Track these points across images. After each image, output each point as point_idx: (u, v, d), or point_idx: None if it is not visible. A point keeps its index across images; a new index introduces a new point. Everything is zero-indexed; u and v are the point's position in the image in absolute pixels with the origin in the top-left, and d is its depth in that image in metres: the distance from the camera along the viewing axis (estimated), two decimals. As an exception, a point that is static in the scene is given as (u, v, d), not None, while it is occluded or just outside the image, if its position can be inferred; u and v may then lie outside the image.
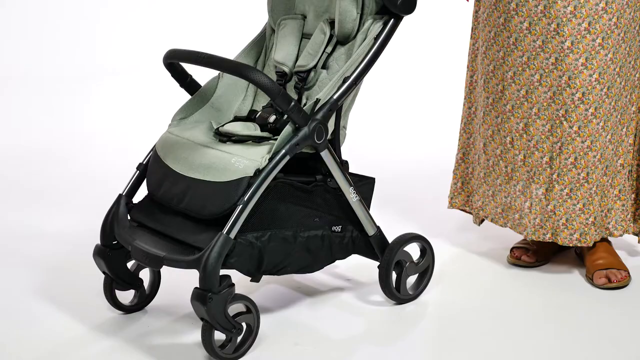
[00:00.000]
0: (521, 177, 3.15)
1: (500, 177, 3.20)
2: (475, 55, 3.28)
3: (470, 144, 3.35)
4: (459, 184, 3.39)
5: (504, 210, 3.22)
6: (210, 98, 3.01)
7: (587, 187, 3.07)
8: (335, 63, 2.95)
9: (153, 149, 2.92)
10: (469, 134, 3.35)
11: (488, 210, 3.27)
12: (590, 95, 3.01)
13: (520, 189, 3.15)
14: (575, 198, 3.07)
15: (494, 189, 3.24)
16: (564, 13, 2.98)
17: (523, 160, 3.13)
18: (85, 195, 3.94)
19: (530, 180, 3.13)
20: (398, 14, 2.87)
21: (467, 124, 3.35)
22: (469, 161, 3.37)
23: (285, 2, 3.06)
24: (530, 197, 3.13)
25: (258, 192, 2.68)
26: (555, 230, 3.10)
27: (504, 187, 3.20)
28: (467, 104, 3.34)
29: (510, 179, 3.17)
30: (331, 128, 2.82)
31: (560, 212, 3.09)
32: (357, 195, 2.89)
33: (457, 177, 3.39)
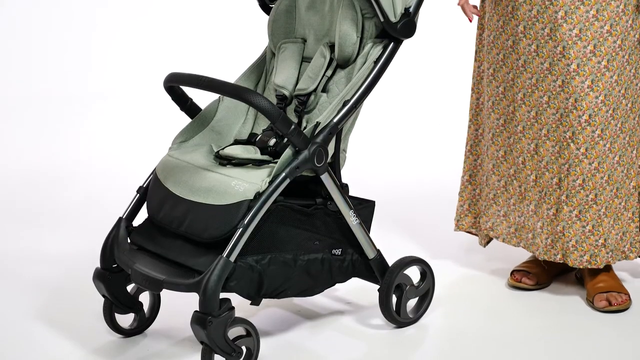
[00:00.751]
0: (533, 197, 3.17)
1: (514, 197, 3.22)
2: (481, 77, 3.30)
3: (477, 166, 3.36)
4: (465, 206, 3.40)
5: (517, 230, 3.23)
6: (210, 121, 3.03)
7: (596, 208, 3.08)
8: (335, 86, 2.96)
9: (153, 172, 2.94)
10: (475, 155, 3.36)
11: (500, 230, 3.28)
12: (597, 117, 3.02)
13: (533, 208, 3.17)
14: (584, 220, 3.08)
15: (506, 209, 3.25)
16: (569, 36, 3.00)
17: (535, 181, 3.15)
18: (85, 218, 3.95)
19: (542, 201, 3.14)
20: (398, 37, 2.88)
21: (473, 145, 3.37)
22: (476, 183, 3.38)
23: (285, 26, 3.08)
24: (542, 217, 3.15)
25: (258, 215, 2.69)
26: (566, 251, 3.11)
27: (517, 206, 3.21)
28: (473, 126, 3.35)
29: (524, 198, 3.19)
30: (331, 151, 2.84)
31: (569, 234, 3.10)
32: (357, 219, 2.90)
33: (464, 199, 3.40)
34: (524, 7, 3.06)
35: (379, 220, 3.35)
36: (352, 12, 2.91)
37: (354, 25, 2.91)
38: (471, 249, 3.59)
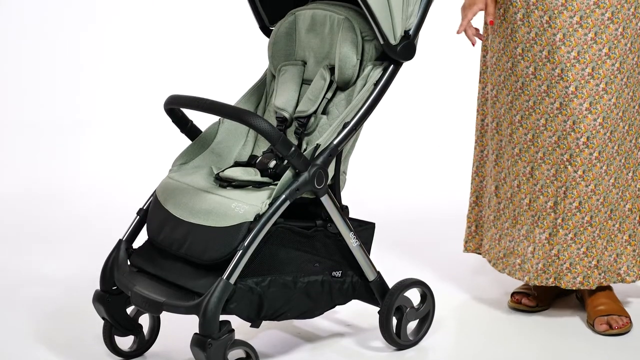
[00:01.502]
0: (525, 222, 3.17)
1: (508, 221, 3.23)
2: (485, 99, 3.31)
3: (482, 187, 3.37)
4: (472, 228, 3.41)
5: (506, 256, 3.23)
6: (210, 143, 3.04)
7: (591, 230, 3.09)
8: (335, 109, 2.97)
9: (153, 194, 2.94)
10: (481, 177, 3.37)
11: (492, 254, 3.29)
12: (595, 140, 3.03)
13: (524, 233, 3.17)
14: (579, 242, 3.09)
15: (501, 233, 3.26)
16: (567, 58, 3.02)
17: (528, 205, 3.15)
18: (85, 240, 3.95)
19: (534, 225, 3.14)
20: (398, 60, 2.89)
21: (478, 167, 3.38)
22: (482, 204, 3.39)
23: (285, 49, 3.09)
24: (534, 241, 3.14)
25: (258, 237, 2.69)
26: (559, 274, 3.11)
27: (510, 230, 3.22)
28: (479, 147, 3.36)
29: (516, 222, 3.19)
30: (331, 173, 2.84)
31: (564, 257, 3.10)
32: (357, 240, 2.90)
33: (471, 220, 3.41)
34: (522, 29, 3.07)
35: (379, 242, 3.35)
36: (352, 35, 2.92)
37: (354, 47, 2.92)
38: (472, 271, 3.59)
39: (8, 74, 5.27)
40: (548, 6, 3.01)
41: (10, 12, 5.38)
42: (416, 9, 2.90)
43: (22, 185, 4.59)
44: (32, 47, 5.38)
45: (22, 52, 5.35)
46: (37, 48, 5.38)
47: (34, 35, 5.41)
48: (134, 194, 3.85)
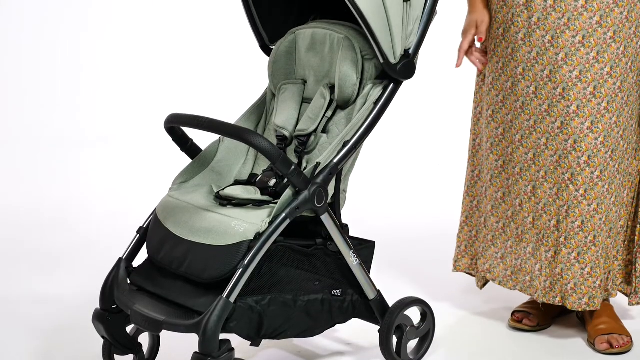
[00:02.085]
0: (531, 240, 3.17)
1: (511, 239, 3.22)
2: (478, 118, 3.31)
3: (474, 207, 3.37)
4: (462, 247, 3.41)
5: (514, 273, 3.23)
6: (210, 162, 3.04)
7: (594, 250, 3.08)
8: (335, 127, 2.98)
9: (153, 213, 2.95)
10: (472, 197, 3.37)
11: (496, 272, 3.28)
12: (596, 159, 3.04)
13: (530, 251, 3.17)
14: (582, 262, 3.09)
15: (503, 251, 3.25)
16: (569, 78, 3.02)
17: (532, 223, 3.16)
18: (85, 259, 3.96)
19: (540, 243, 3.15)
20: (397, 79, 2.90)
21: (470, 187, 3.38)
22: (472, 224, 3.38)
23: (285, 67, 3.10)
24: (540, 259, 3.15)
25: (258, 255, 2.70)
26: (564, 294, 3.11)
27: (514, 249, 3.22)
28: (470, 167, 3.37)
29: (521, 241, 3.19)
30: (331, 192, 2.85)
31: (568, 277, 3.10)
32: (357, 259, 2.91)
33: (461, 240, 3.41)
34: (523, 49, 3.08)
35: (379, 261, 3.35)
36: (352, 54, 2.94)
37: (354, 66, 2.93)
38: (471, 291, 3.59)
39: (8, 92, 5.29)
40: (550, 26, 3.02)
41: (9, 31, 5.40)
42: (416, 28, 2.92)
43: (22, 202, 4.60)
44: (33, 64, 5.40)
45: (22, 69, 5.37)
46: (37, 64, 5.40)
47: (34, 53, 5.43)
48: (134, 213, 3.85)
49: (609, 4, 2.99)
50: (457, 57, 3.19)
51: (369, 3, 2.79)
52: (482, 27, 3.15)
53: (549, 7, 3.01)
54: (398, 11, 2.85)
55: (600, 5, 2.98)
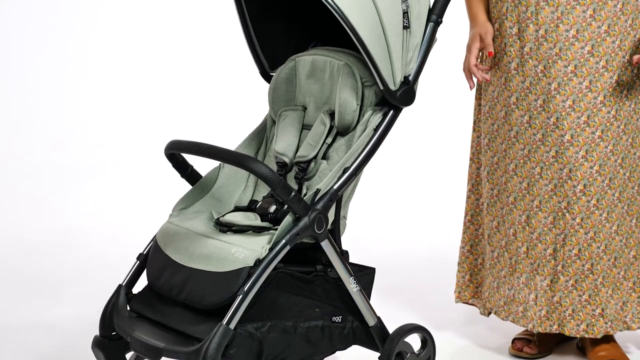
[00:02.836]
0: (524, 269, 3.16)
1: (504, 269, 3.22)
2: (479, 147, 3.31)
3: (479, 236, 3.36)
4: (467, 277, 3.38)
5: (506, 303, 3.22)
6: (211, 188, 3.05)
7: (592, 278, 3.08)
8: (335, 154, 2.99)
9: (153, 239, 2.95)
10: (477, 225, 3.36)
11: (492, 302, 3.28)
12: (592, 187, 3.04)
13: (524, 281, 3.16)
14: (580, 289, 3.09)
15: (498, 281, 3.25)
16: (562, 107, 3.03)
17: (526, 253, 3.15)
18: (85, 286, 3.95)
19: (535, 272, 3.13)
20: (397, 105, 2.91)
21: (474, 215, 3.37)
22: (477, 253, 3.37)
23: (286, 94, 3.12)
24: (535, 288, 3.14)
25: (258, 282, 2.70)
26: (562, 321, 3.10)
27: (508, 279, 3.21)
28: (474, 196, 3.36)
29: (514, 271, 3.19)
30: (331, 218, 2.86)
31: (566, 303, 3.10)
32: (357, 286, 2.91)
33: (465, 270, 3.38)
34: (516, 78, 3.09)
35: (379, 288, 3.35)
36: (352, 80, 2.95)
37: (354, 93, 2.94)
38: (472, 319, 3.58)
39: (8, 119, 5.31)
40: (542, 55, 3.03)
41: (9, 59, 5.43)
42: (416, 54, 2.93)
43: (21, 229, 4.60)
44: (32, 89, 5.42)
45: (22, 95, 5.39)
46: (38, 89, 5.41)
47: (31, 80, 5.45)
48: (134, 239, 3.86)
49: (601, 33, 3.00)
50: (467, 78, 3.15)
51: (369, 30, 2.81)
52: (488, 37, 3.12)
53: (541, 37, 3.03)
54: (398, 38, 2.87)
55: (591, 35, 3.00)
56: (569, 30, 3.00)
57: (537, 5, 3.01)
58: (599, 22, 3.00)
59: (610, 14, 3.00)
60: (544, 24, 3.02)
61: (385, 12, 2.84)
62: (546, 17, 3.02)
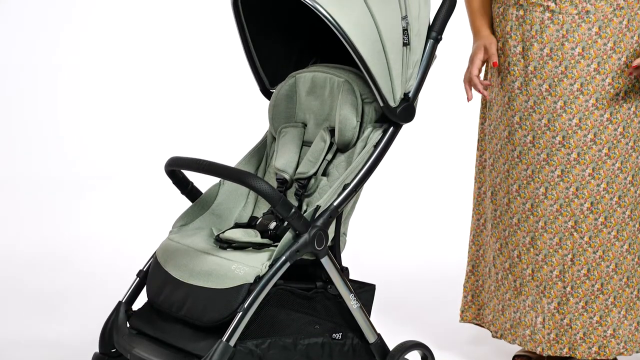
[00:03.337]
0: (530, 292, 3.13)
1: (509, 292, 3.19)
2: (483, 167, 3.30)
3: (479, 256, 3.35)
4: (469, 297, 3.37)
5: (513, 327, 3.19)
6: (211, 205, 3.06)
7: (603, 298, 3.06)
8: (335, 170, 3.00)
9: (153, 256, 2.96)
10: (478, 246, 3.35)
11: (498, 325, 3.25)
12: (600, 205, 3.03)
13: (530, 303, 3.13)
14: (591, 311, 3.06)
15: (503, 304, 3.22)
16: (569, 125, 3.01)
17: (531, 275, 3.13)
18: (84, 302, 3.95)
19: (541, 295, 3.11)
20: (397, 122, 2.92)
21: (475, 235, 3.36)
22: (478, 274, 3.36)
23: (286, 111, 3.13)
24: (542, 311, 3.11)
25: (258, 299, 2.70)
26: (573, 344, 3.08)
27: (513, 301, 3.18)
28: (476, 215, 3.35)
29: (520, 293, 3.16)
30: (331, 235, 2.86)
31: (576, 326, 3.08)
32: (357, 302, 2.91)
33: (467, 290, 3.38)
34: (520, 97, 3.08)
35: (380, 304, 3.35)
36: (352, 97, 2.96)
37: (353, 109, 2.95)
38: (475, 338, 3.57)
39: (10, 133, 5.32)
40: (547, 74, 3.02)
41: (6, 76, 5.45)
42: (415, 71, 2.94)
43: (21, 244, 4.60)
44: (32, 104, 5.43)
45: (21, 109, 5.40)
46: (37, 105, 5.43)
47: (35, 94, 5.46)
48: (134, 256, 3.86)
49: (607, 50, 3.00)
50: (466, 89, 3.11)
51: (369, 47, 2.83)
52: (492, 48, 3.09)
53: (546, 56, 3.02)
54: (398, 55, 2.88)
55: (597, 53, 2.99)
56: (575, 48, 3.00)
57: (542, 23, 3.01)
58: (605, 39, 3.00)
59: (615, 31, 3.00)
60: (549, 42, 3.02)
61: (385, 29, 2.86)
62: (551, 35, 3.02)
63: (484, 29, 3.15)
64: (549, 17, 3.00)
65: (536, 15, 3.01)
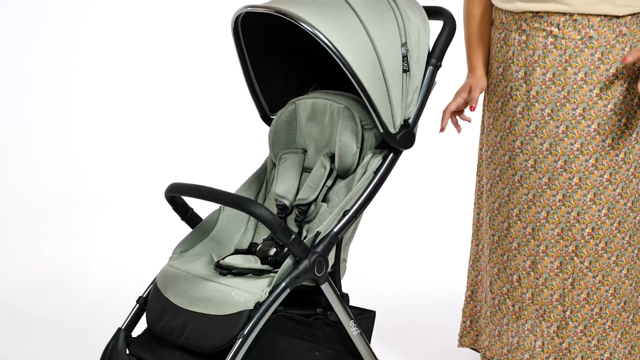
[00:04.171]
0: (530, 316, 3.14)
1: (507, 316, 3.20)
2: (481, 192, 3.31)
3: (478, 282, 3.36)
4: (467, 322, 3.38)
5: (510, 351, 3.19)
6: (211, 231, 3.07)
7: (601, 322, 3.07)
8: (335, 196, 3.01)
9: (153, 282, 2.96)
10: (477, 271, 3.36)
11: (494, 350, 3.25)
12: (600, 230, 3.04)
13: (529, 327, 3.14)
14: (589, 334, 3.08)
15: (500, 329, 3.22)
16: (570, 150, 3.02)
17: (531, 299, 3.13)
18: (84, 329, 3.95)
19: (540, 319, 3.12)
20: (397, 148, 2.94)
21: (475, 261, 3.37)
22: (477, 299, 3.36)
23: (286, 137, 3.14)
24: (542, 335, 3.12)
25: (258, 325, 2.71)
26: None
27: (511, 326, 3.19)
28: (475, 241, 3.36)
29: (519, 317, 3.17)
30: (331, 261, 2.87)
31: (575, 350, 3.09)
32: (357, 329, 2.92)
33: (466, 315, 3.39)
34: (522, 122, 3.09)
35: (380, 330, 3.35)
36: (352, 124, 2.97)
37: (354, 136, 2.97)
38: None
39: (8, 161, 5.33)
40: (550, 99, 3.04)
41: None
42: (415, 97, 2.96)
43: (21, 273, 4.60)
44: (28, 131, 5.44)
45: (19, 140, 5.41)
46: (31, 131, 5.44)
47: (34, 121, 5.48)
48: (133, 282, 3.86)
49: (609, 76, 3.01)
50: (442, 118, 3.12)
51: (369, 74, 2.84)
52: (476, 92, 3.12)
53: (548, 81, 3.03)
54: (397, 82, 2.90)
55: (599, 78, 3.01)
56: (577, 73, 3.01)
57: (545, 48, 3.03)
58: (607, 65, 3.02)
59: (618, 57, 3.02)
60: (552, 67, 3.03)
61: (385, 55, 2.88)
62: (554, 60, 3.03)
63: (479, 67, 3.16)
64: (551, 42, 3.01)
65: (539, 40, 3.03)
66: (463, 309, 3.40)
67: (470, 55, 3.18)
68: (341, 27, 2.84)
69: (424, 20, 2.98)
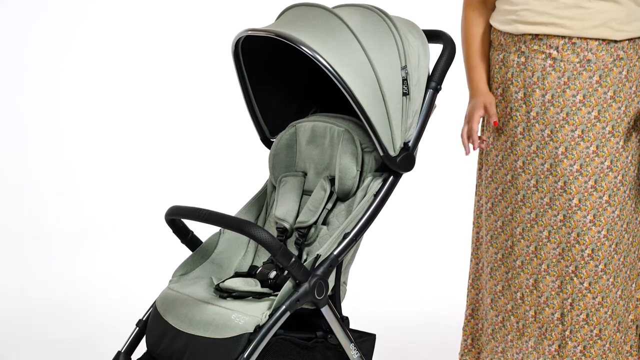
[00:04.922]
0: (533, 334, 3.16)
1: (511, 333, 3.21)
2: (480, 212, 3.32)
3: (478, 300, 3.37)
4: (469, 341, 3.39)
5: (515, 368, 3.22)
6: (211, 254, 3.08)
7: (601, 344, 3.08)
8: (335, 219, 3.02)
9: (153, 305, 2.97)
10: (477, 289, 3.37)
11: (497, 366, 3.27)
12: (600, 252, 3.06)
13: (533, 345, 3.16)
14: (589, 355, 3.09)
15: (504, 345, 3.24)
16: (570, 171, 3.04)
17: (534, 317, 3.15)
18: (84, 353, 3.95)
19: (542, 337, 3.13)
20: (397, 171, 2.95)
21: (475, 279, 3.38)
22: (478, 317, 3.37)
23: (286, 160, 3.15)
24: (544, 353, 3.13)
25: (258, 348, 2.71)
26: None
27: (515, 343, 3.20)
28: (474, 260, 3.37)
29: (522, 334, 3.18)
30: (331, 284, 2.88)
31: (574, 370, 3.10)
32: (357, 352, 2.92)
33: (467, 333, 3.39)
34: (523, 142, 3.10)
35: (380, 353, 3.35)
36: (352, 147, 2.99)
37: (354, 159, 2.98)
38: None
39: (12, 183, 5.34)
40: (549, 120, 3.05)
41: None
42: (415, 120, 2.97)
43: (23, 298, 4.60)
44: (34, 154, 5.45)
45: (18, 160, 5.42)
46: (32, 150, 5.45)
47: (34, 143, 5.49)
48: (133, 305, 3.87)
49: (607, 99, 3.04)
50: (464, 144, 3.11)
51: (369, 97, 2.86)
52: (493, 107, 3.11)
53: (547, 102, 3.05)
54: (397, 105, 2.92)
55: (597, 101, 3.03)
56: (576, 95, 3.03)
57: (544, 70, 3.05)
58: (605, 88, 3.04)
59: (615, 81, 3.04)
60: (551, 89, 3.05)
61: (385, 78, 2.89)
62: (553, 82, 3.05)
63: (482, 85, 3.16)
64: (550, 65, 3.03)
65: (538, 62, 3.05)
66: (463, 327, 3.41)
67: (471, 75, 3.18)
68: (341, 51, 2.86)
69: (423, 43, 3.00)
